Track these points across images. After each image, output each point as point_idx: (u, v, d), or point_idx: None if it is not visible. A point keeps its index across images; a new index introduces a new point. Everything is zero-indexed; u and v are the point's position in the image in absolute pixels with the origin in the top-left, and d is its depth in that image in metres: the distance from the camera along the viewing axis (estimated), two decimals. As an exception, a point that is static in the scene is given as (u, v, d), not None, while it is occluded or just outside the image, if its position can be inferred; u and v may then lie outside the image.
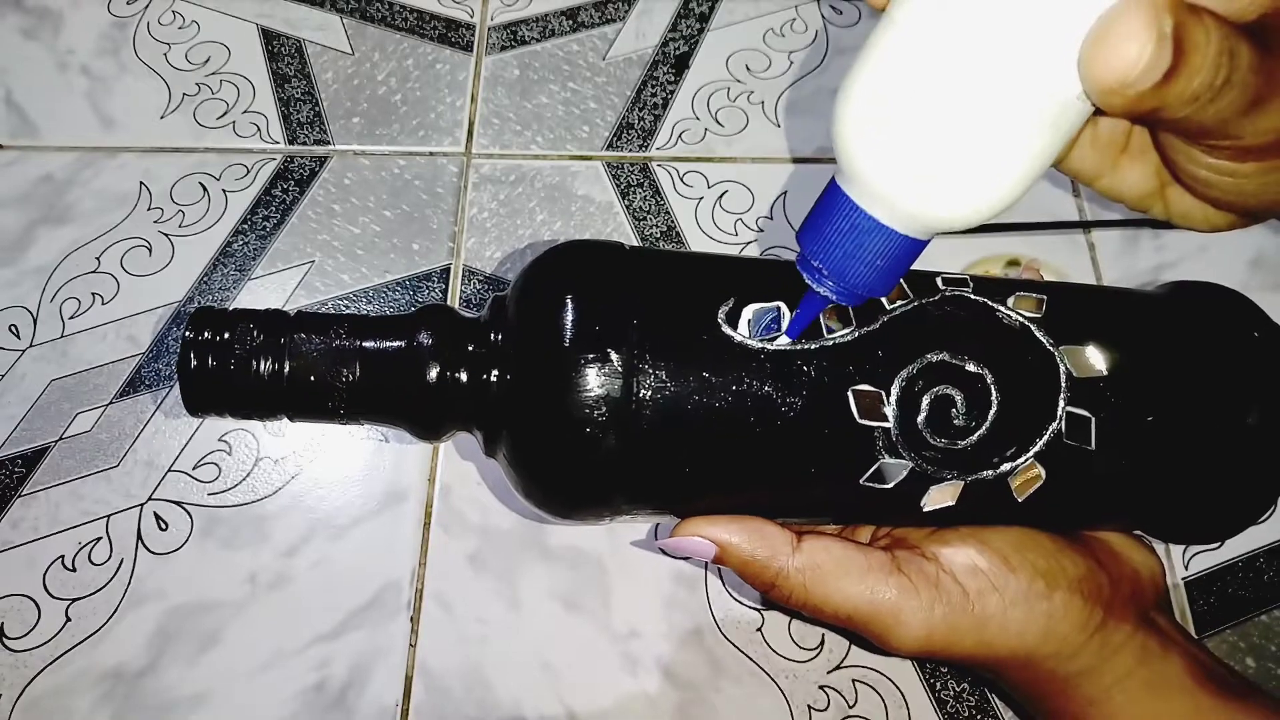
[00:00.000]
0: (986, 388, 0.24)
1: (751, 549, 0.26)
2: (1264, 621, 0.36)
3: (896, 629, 0.25)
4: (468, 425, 0.27)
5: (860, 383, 0.24)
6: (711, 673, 0.36)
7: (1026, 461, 0.25)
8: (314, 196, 0.46)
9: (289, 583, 0.37)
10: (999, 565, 0.26)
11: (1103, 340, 0.25)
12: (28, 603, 0.37)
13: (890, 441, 0.24)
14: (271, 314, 0.26)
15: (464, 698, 0.35)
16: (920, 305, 0.25)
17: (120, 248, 0.45)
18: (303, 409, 0.26)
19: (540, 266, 0.27)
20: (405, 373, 0.25)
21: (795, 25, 0.52)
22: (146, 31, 0.52)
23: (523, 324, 0.25)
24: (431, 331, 0.26)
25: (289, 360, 0.25)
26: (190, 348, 0.25)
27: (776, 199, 0.46)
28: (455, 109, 0.49)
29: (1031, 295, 0.26)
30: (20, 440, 0.40)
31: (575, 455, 0.24)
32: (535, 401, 0.24)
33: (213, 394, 0.25)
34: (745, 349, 0.24)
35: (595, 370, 0.23)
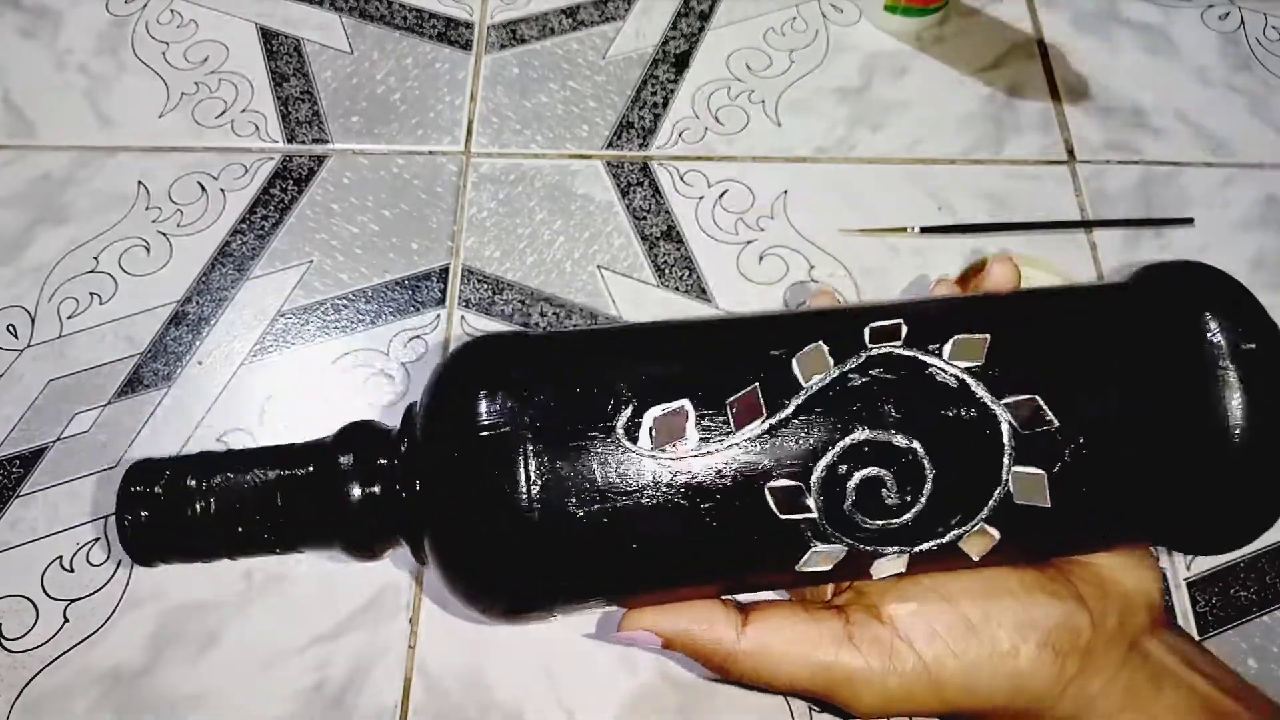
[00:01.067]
0: (918, 462, 0.22)
1: (697, 636, 0.25)
2: (1266, 622, 0.36)
3: (853, 700, 0.25)
4: (395, 538, 0.26)
5: (777, 478, 0.22)
6: (711, 674, 0.36)
7: (975, 526, 0.23)
8: (313, 196, 0.46)
9: (288, 583, 0.37)
10: (958, 629, 0.24)
11: (1054, 383, 0.23)
12: (26, 603, 0.37)
13: (819, 530, 0.23)
14: (199, 458, 0.25)
15: (463, 698, 0.35)
16: (840, 376, 0.23)
17: (118, 247, 0.44)
18: (238, 547, 0.25)
19: (443, 370, 0.26)
20: (328, 497, 0.25)
21: (795, 24, 0.52)
22: (145, 30, 0.51)
23: (427, 436, 0.25)
24: (348, 451, 0.25)
25: (215, 500, 0.25)
26: (125, 505, 0.24)
27: (777, 198, 0.46)
28: (454, 108, 0.49)
29: (975, 337, 0.23)
30: (18, 440, 0.40)
31: (494, 557, 0.23)
32: (445, 505, 0.24)
33: (153, 546, 0.25)
34: (654, 460, 0.22)
35: (500, 474, 0.22)
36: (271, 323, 0.43)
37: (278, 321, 0.43)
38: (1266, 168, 0.46)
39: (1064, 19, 0.52)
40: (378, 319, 0.43)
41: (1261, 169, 0.46)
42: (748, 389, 0.23)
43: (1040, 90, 0.49)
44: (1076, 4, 0.52)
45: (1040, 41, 0.51)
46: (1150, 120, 0.48)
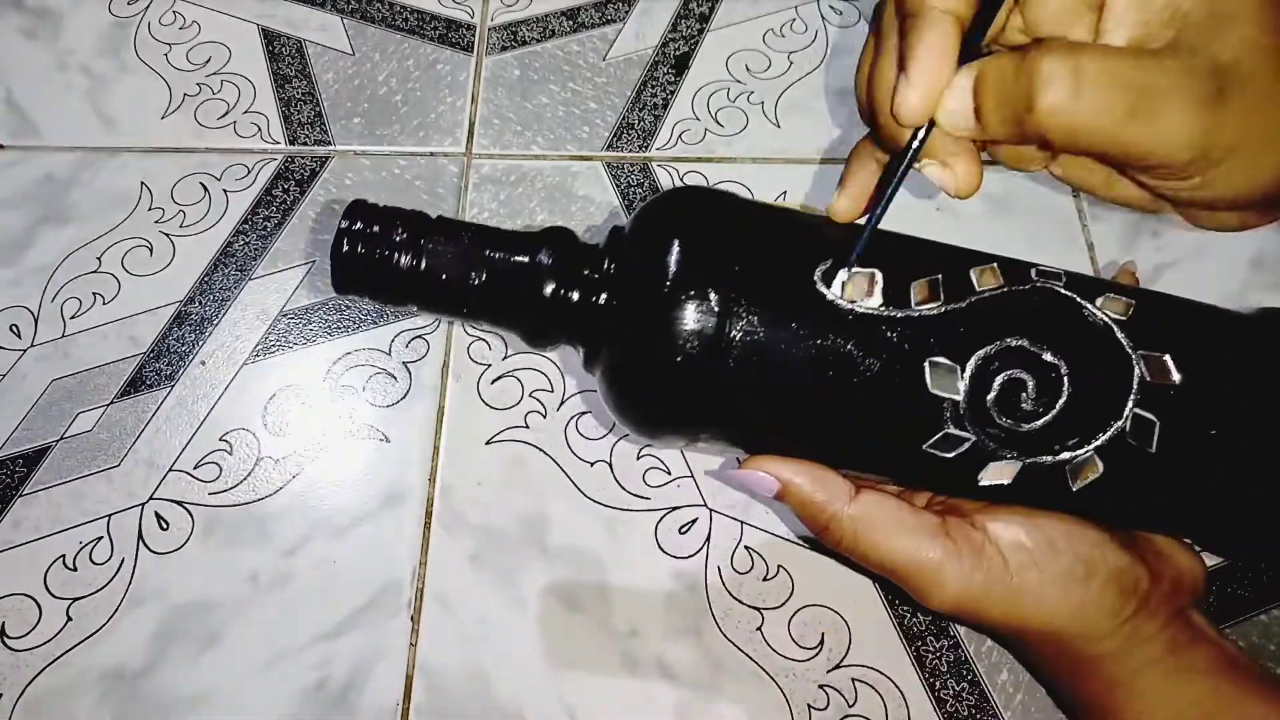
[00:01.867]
0: (1059, 378, 0.25)
1: (811, 491, 0.27)
2: (1263, 621, 0.36)
3: (935, 587, 0.26)
4: (572, 340, 0.29)
5: (938, 355, 0.25)
6: (711, 672, 0.36)
7: (1087, 454, 0.25)
8: (315, 196, 0.46)
9: (290, 582, 0.37)
10: (1043, 545, 0.26)
11: (1181, 351, 0.26)
12: (29, 602, 0.37)
13: (958, 414, 0.25)
14: (415, 215, 0.28)
15: (464, 697, 0.35)
16: (1009, 291, 0.26)
17: (121, 248, 0.45)
18: (431, 303, 0.28)
19: (657, 206, 0.28)
20: (524, 285, 0.28)
21: (795, 25, 0.52)
22: (147, 32, 0.52)
23: (634, 257, 0.27)
24: (552, 251, 0.28)
25: (426, 259, 0.27)
26: (344, 235, 0.27)
27: (776, 198, 0.46)
28: (456, 109, 0.49)
29: (1120, 298, 0.26)
30: (21, 440, 0.40)
31: (665, 382, 0.26)
32: (636, 328, 0.26)
33: (357, 278, 0.28)
34: (835, 308, 0.25)
35: (693, 308, 0.25)
36: (274, 323, 0.43)
37: (280, 321, 0.43)
38: (1264, 169, 0.47)
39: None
40: (379, 319, 0.43)
41: (1259, 170, 0.47)
42: (932, 276, 0.26)
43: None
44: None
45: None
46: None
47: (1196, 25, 0.21)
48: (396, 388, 0.41)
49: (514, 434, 0.40)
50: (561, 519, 0.38)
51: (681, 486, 0.39)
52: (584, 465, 0.39)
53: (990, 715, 0.35)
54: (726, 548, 0.38)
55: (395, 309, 0.29)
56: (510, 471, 0.39)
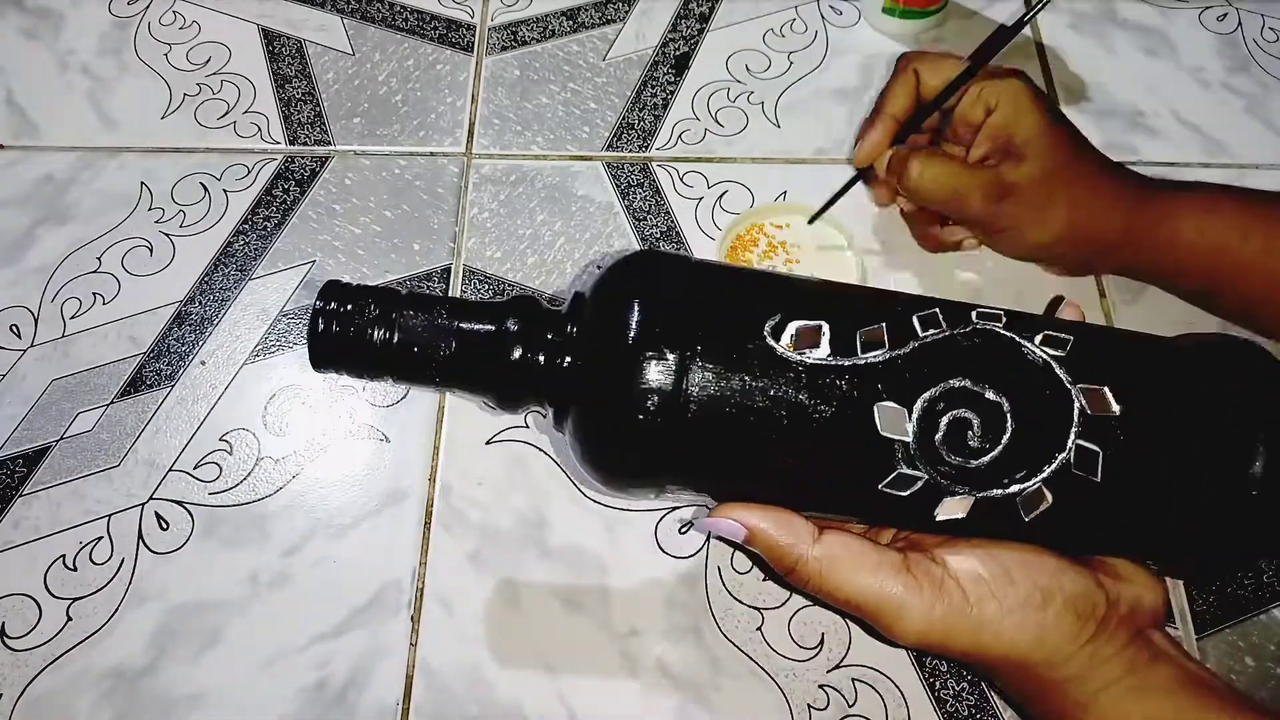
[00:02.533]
0: (1002, 415, 0.26)
1: (777, 536, 0.28)
2: (1263, 621, 0.36)
3: (899, 622, 0.28)
4: (541, 401, 0.30)
5: (886, 399, 0.26)
6: (711, 672, 0.36)
7: (1035, 485, 0.26)
8: (315, 196, 0.46)
9: (290, 582, 0.37)
10: (1000, 576, 0.28)
11: (1120, 383, 0.27)
12: (29, 602, 0.37)
13: (909, 454, 0.26)
14: (386, 291, 0.29)
15: (464, 696, 0.35)
16: (950, 335, 0.27)
17: (121, 248, 0.45)
18: (405, 374, 0.29)
19: (614, 270, 0.30)
20: (492, 352, 0.29)
21: (795, 26, 0.52)
22: (147, 32, 0.52)
23: (595, 320, 0.29)
24: (518, 319, 0.29)
25: (398, 333, 0.28)
26: (318, 315, 0.28)
27: (776, 199, 0.46)
28: (456, 109, 0.49)
29: (1060, 335, 0.28)
30: (21, 440, 0.40)
31: (629, 437, 0.27)
32: (599, 388, 0.28)
33: (334, 355, 0.29)
34: (785, 360, 0.26)
35: (653, 366, 0.26)
36: (274, 323, 0.43)
37: (280, 321, 0.43)
38: (1264, 168, 0.47)
39: (1062, 21, 0.52)
40: (379, 319, 0.43)
41: (1259, 169, 0.47)
42: (875, 325, 0.27)
43: (1039, 92, 0.49)
44: (1074, 6, 0.53)
45: (1039, 44, 0.51)
46: (1148, 121, 0.48)
47: (1008, 156, 0.38)
48: (396, 388, 0.41)
49: (514, 434, 0.40)
50: (561, 519, 0.38)
51: (681, 486, 0.39)
52: (584, 465, 0.39)
53: (990, 715, 0.35)
54: (726, 548, 0.38)
55: (371, 381, 0.30)
56: (510, 471, 0.39)
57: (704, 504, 0.31)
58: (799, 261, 0.43)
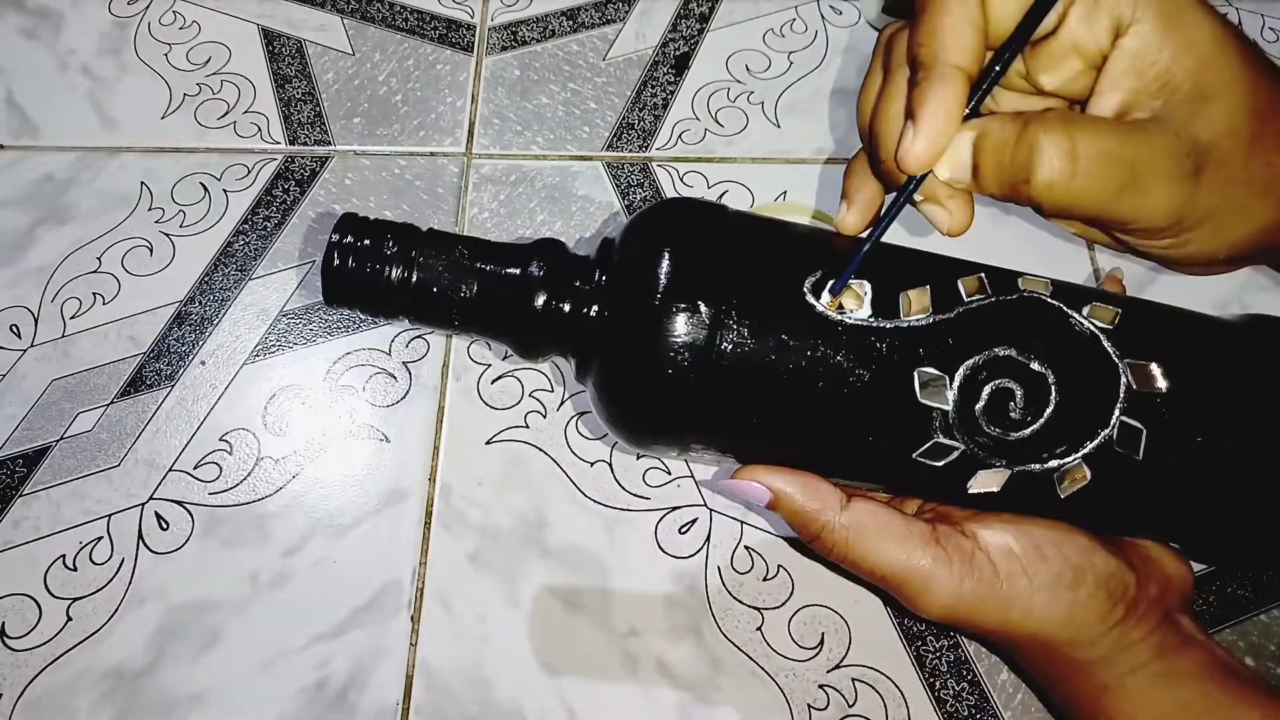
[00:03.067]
0: (1047, 387, 0.25)
1: (803, 501, 0.27)
2: (1263, 621, 0.36)
3: (926, 595, 0.27)
4: (564, 351, 0.29)
5: (927, 365, 0.25)
6: (711, 672, 0.36)
7: (1074, 461, 0.26)
8: (315, 196, 0.46)
9: (290, 582, 0.37)
10: (1032, 552, 0.27)
11: (1168, 359, 0.26)
12: (29, 602, 0.37)
13: (947, 423, 0.25)
14: (406, 227, 0.28)
15: (464, 697, 0.35)
16: (996, 301, 0.26)
17: (121, 248, 0.45)
18: (423, 315, 0.28)
19: (647, 218, 0.29)
20: (515, 296, 0.28)
21: (795, 25, 0.52)
22: (147, 31, 0.52)
23: (625, 268, 0.28)
24: (543, 263, 0.28)
25: (417, 271, 0.27)
26: (334, 249, 0.27)
27: (776, 199, 0.46)
28: (456, 109, 0.49)
29: (1107, 307, 0.26)
30: (21, 440, 0.40)
31: (656, 393, 0.26)
32: (627, 339, 0.27)
33: (348, 291, 0.28)
34: (824, 319, 0.25)
35: (684, 319, 0.25)
36: (274, 323, 0.43)
37: (280, 321, 0.43)
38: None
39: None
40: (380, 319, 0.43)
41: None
42: (920, 286, 0.26)
43: (1039, 92, 0.49)
44: (1075, 6, 0.53)
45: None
46: (1148, 121, 0.48)
47: (1182, 101, 0.23)
48: (396, 388, 0.41)
49: (514, 434, 0.40)
50: (561, 519, 0.38)
51: (681, 486, 0.39)
52: (584, 465, 0.39)
53: (990, 715, 0.35)
54: (726, 548, 0.38)
55: (386, 320, 0.29)
56: (510, 471, 0.39)
57: (727, 464, 0.30)
58: None
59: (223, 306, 0.43)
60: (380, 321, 0.28)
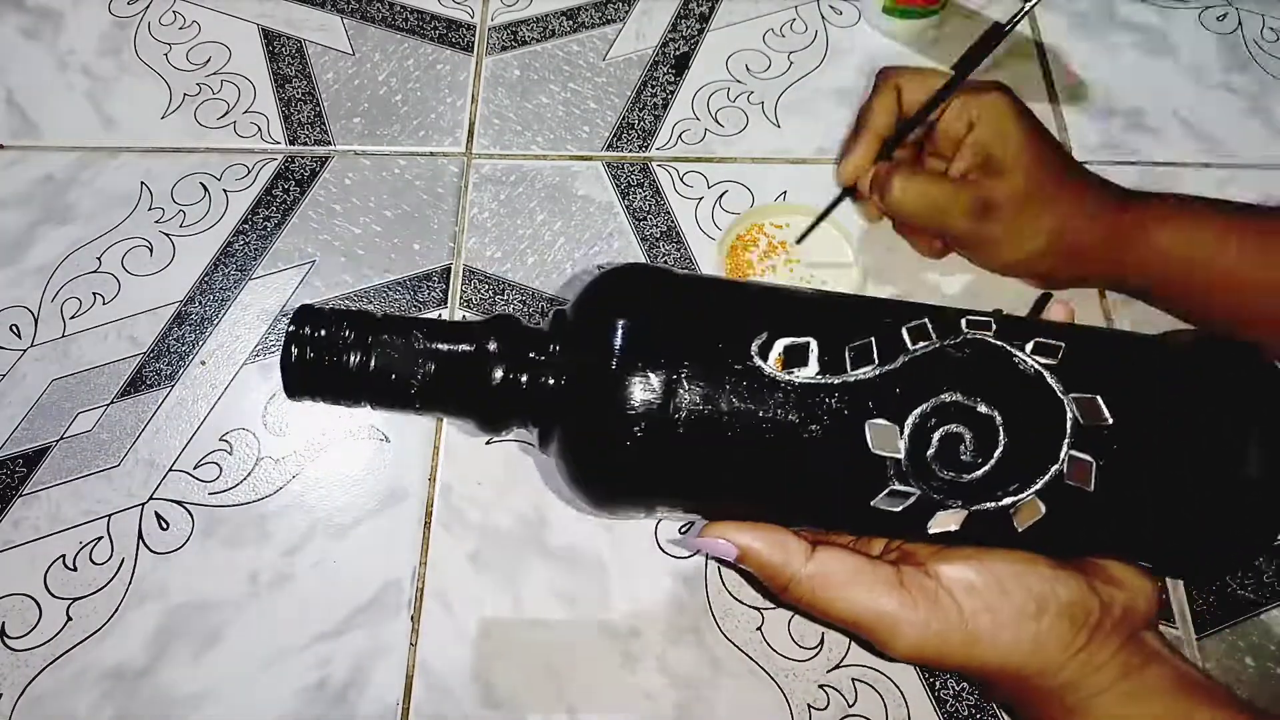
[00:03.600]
0: (994, 428, 0.26)
1: (769, 555, 0.28)
2: (1263, 621, 0.36)
3: (894, 638, 0.27)
4: (524, 423, 0.30)
5: (877, 417, 0.26)
6: (711, 672, 0.36)
7: (1028, 497, 0.26)
8: (315, 196, 0.46)
9: (290, 582, 0.37)
10: (994, 587, 0.28)
11: (1112, 391, 0.26)
12: (29, 602, 0.37)
13: (901, 470, 0.26)
14: (361, 315, 0.29)
15: (464, 696, 0.35)
16: (940, 347, 0.27)
17: (121, 248, 0.45)
18: (383, 399, 0.29)
19: (597, 287, 0.29)
20: (473, 373, 0.28)
21: (795, 25, 0.52)
22: (147, 32, 0.52)
23: (579, 339, 0.28)
24: (498, 339, 0.28)
25: (375, 358, 0.28)
26: (291, 341, 0.28)
27: (776, 199, 0.46)
28: (456, 109, 0.49)
29: (1051, 342, 0.27)
30: (21, 440, 0.40)
31: (617, 458, 0.27)
32: (584, 408, 0.27)
33: (308, 382, 0.28)
34: (774, 380, 0.26)
35: (638, 388, 0.26)
36: (274, 323, 0.43)
37: (280, 321, 0.43)
38: (1264, 168, 0.47)
39: (1062, 21, 0.52)
40: (379, 319, 0.43)
41: (1259, 169, 0.47)
42: (864, 340, 0.27)
43: (1039, 92, 0.49)
44: (1074, 6, 0.53)
45: (1038, 43, 0.51)
46: (1148, 121, 0.48)
47: (990, 172, 0.38)
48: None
49: (514, 434, 0.40)
50: (561, 519, 0.38)
51: (681, 486, 0.39)
52: (584, 465, 0.39)
53: (990, 715, 0.35)
54: (726, 547, 0.38)
55: (349, 407, 0.29)
56: (510, 471, 0.39)
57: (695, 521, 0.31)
58: (799, 260, 0.43)
59: (223, 306, 0.43)
60: (345, 408, 0.29)
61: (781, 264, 0.43)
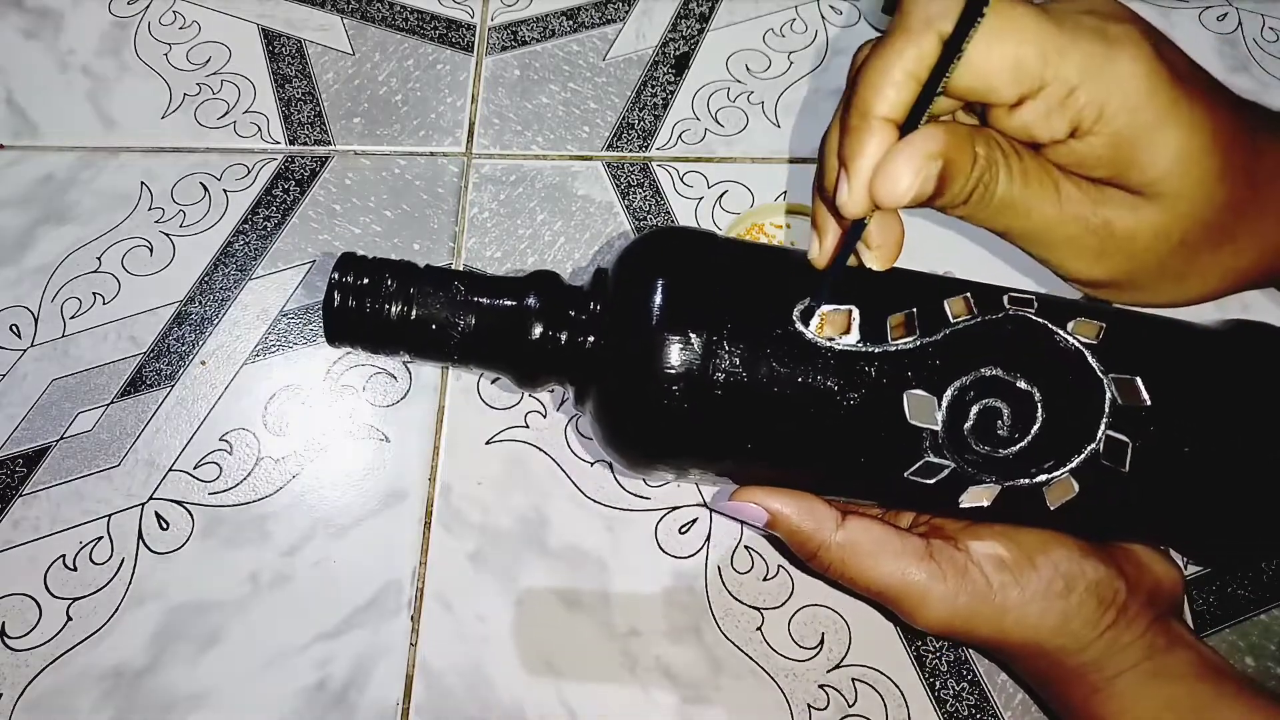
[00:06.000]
0: (1033, 404, 0.26)
1: (800, 521, 0.28)
2: (1263, 620, 0.36)
3: (922, 609, 0.28)
4: (561, 380, 0.30)
5: (915, 387, 0.26)
6: (711, 671, 0.36)
7: (1062, 475, 0.26)
8: (315, 196, 0.46)
9: (290, 582, 0.37)
10: (1024, 563, 0.28)
11: (1152, 372, 0.26)
12: (29, 602, 0.37)
13: (937, 443, 0.26)
14: (404, 265, 0.29)
15: (465, 696, 0.35)
16: (982, 321, 0.27)
17: (121, 247, 0.45)
18: (422, 350, 0.29)
19: (640, 247, 0.29)
20: (512, 328, 0.28)
21: (795, 25, 0.52)
22: (147, 31, 0.52)
23: (619, 298, 0.28)
24: (538, 295, 0.29)
25: (416, 308, 0.28)
26: (335, 289, 0.28)
27: (776, 199, 0.46)
28: (456, 109, 0.49)
29: (1092, 321, 0.27)
30: (21, 440, 0.40)
31: (652, 420, 0.27)
32: (623, 368, 0.27)
33: (350, 329, 0.28)
34: (814, 345, 0.26)
35: (678, 349, 0.26)
36: (274, 323, 0.43)
37: (280, 321, 0.43)
38: (1264, 169, 0.47)
39: (1062, 21, 0.52)
40: (379, 319, 0.43)
41: (1259, 170, 0.47)
42: (906, 310, 0.26)
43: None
44: (1075, 6, 0.53)
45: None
46: (1148, 121, 0.48)
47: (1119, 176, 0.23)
48: (396, 388, 0.41)
49: (514, 434, 0.40)
50: (561, 519, 0.38)
51: (681, 486, 0.39)
52: (584, 465, 0.39)
53: (990, 715, 0.35)
54: (726, 548, 0.38)
55: (387, 356, 0.30)
56: (510, 471, 0.39)
57: (724, 485, 0.31)
58: None
59: (223, 306, 0.43)
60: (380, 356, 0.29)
61: None
